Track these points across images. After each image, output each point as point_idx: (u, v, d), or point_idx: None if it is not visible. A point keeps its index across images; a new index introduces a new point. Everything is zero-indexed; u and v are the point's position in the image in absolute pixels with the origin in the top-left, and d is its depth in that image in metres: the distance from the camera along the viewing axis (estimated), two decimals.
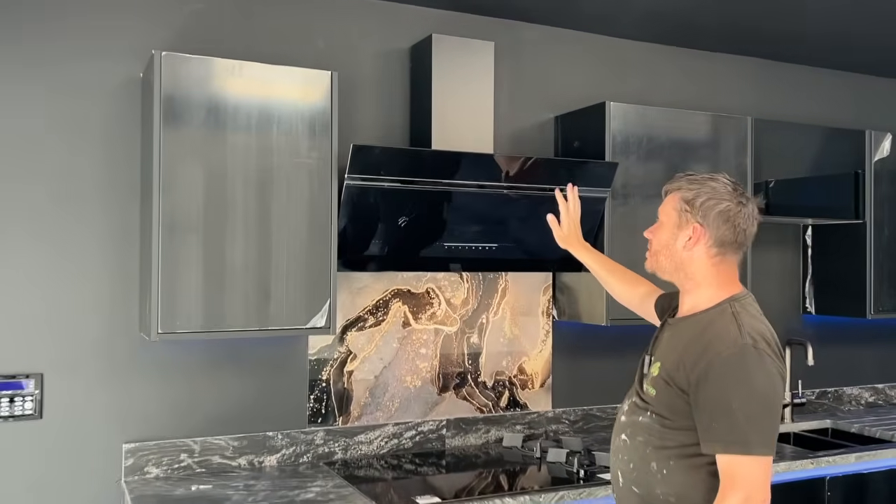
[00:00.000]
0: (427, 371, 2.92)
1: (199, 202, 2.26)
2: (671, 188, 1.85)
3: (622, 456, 1.86)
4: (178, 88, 2.23)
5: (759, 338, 1.67)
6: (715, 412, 1.64)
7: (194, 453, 2.56)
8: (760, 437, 1.61)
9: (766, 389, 1.63)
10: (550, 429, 3.11)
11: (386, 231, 2.53)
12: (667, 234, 1.83)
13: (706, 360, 1.66)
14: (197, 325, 2.26)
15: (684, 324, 1.81)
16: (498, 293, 3.04)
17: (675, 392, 1.73)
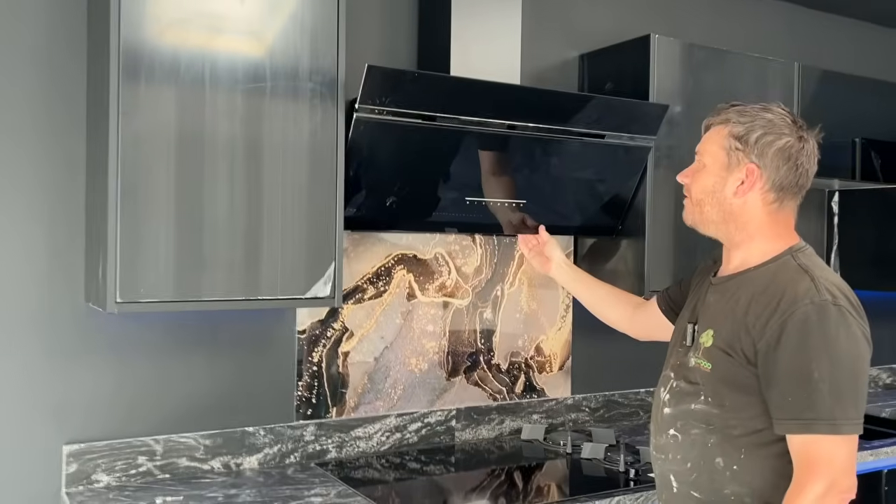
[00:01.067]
0: (434, 352, 2.46)
1: (169, 137, 1.73)
2: (715, 121, 1.54)
3: (674, 455, 1.54)
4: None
5: (839, 293, 1.39)
6: (791, 384, 1.36)
7: (156, 455, 2.04)
8: (848, 411, 1.33)
9: (852, 355, 1.35)
10: (570, 417, 2.70)
11: (403, 180, 2.05)
12: (713, 179, 1.52)
13: (778, 322, 1.38)
14: (167, 294, 1.74)
15: (736, 282, 1.51)
16: (514, 261, 2.59)
17: (738, 363, 1.43)
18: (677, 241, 2.46)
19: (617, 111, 2.25)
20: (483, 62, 2.22)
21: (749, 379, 1.42)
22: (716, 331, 1.49)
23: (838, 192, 3.38)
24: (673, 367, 1.59)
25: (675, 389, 1.56)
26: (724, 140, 1.51)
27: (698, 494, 1.49)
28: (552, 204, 2.31)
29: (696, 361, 1.51)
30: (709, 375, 1.48)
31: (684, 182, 1.60)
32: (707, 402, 1.48)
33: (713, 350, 1.48)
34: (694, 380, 1.51)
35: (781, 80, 2.69)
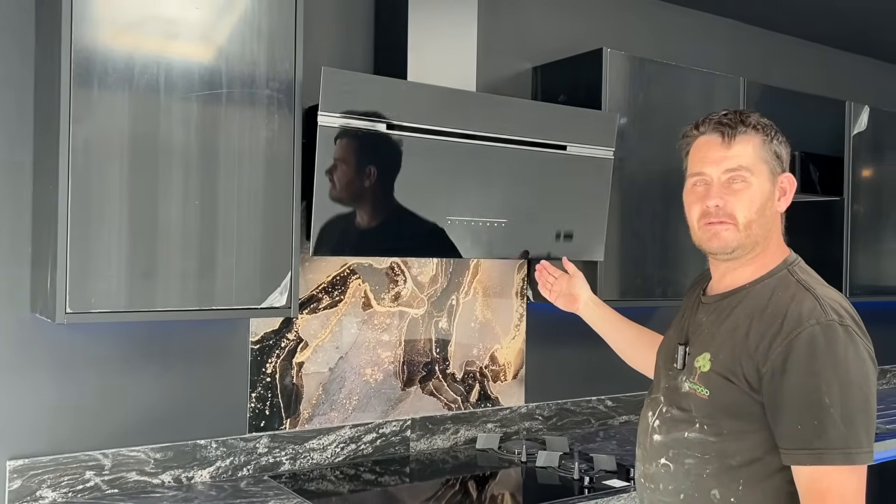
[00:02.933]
0: (390, 362, 2.45)
1: (122, 144, 1.69)
2: (745, 130, 1.37)
3: (665, 485, 1.42)
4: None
5: (845, 312, 1.29)
6: (801, 411, 1.24)
7: (104, 470, 1.99)
8: (860, 439, 1.23)
9: (860, 378, 1.25)
10: (524, 426, 2.71)
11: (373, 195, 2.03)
12: (763, 195, 1.36)
13: (783, 345, 1.27)
14: (118, 304, 1.70)
15: (731, 300, 1.40)
16: (469, 271, 2.60)
17: (740, 390, 1.32)
18: (624, 253, 2.52)
19: (573, 120, 2.28)
20: (439, 71, 2.23)
21: (752, 406, 1.32)
22: (713, 354, 1.38)
23: None
24: (663, 391, 1.47)
25: (665, 416, 1.44)
26: (761, 150, 1.38)
27: None
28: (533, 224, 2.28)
29: (692, 387, 1.39)
30: (706, 402, 1.36)
31: (721, 203, 1.38)
32: (703, 430, 1.37)
33: (711, 375, 1.36)
34: (687, 407, 1.40)
35: (727, 94, 2.77)
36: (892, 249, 3.40)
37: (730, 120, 1.38)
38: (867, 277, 3.29)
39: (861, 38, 3.57)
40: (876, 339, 4.15)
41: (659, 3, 3.08)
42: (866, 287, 3.28)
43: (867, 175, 3.29)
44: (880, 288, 3.37)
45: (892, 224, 3.40)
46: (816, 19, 3.30)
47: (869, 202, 3.30)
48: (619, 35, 2.94)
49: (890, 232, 3.39)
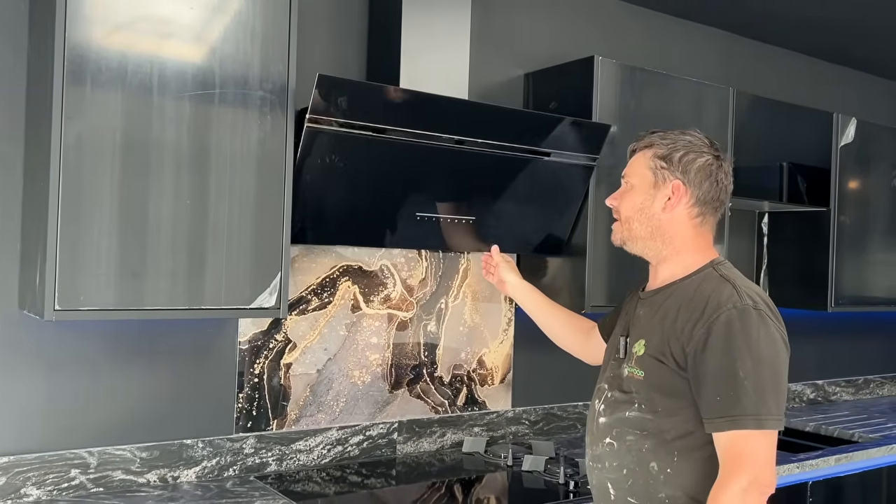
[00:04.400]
0: (378, 364, 2.45)
1: (114, 142, 1.70)
2: (639, 146, 1.64)
3: (610, 463, 1.58)
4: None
5: (759, 299, 1.49)
6: (719, 384, 1.43)
7: (89, 468, 1.98)
8: (770, 408, 1.41)
9: (771, 354, 1.44)
10: (510, 430, 2.73)
11: (354, 194, 2.05)
12: (641, 197, 1.61)
13: (704, 327, 1.46)
14: (107, 302, 1.70)
15: (664, 294, 1.59)
16: (459, 274, 2.62)
17: (669, 369, 1.50)
18: (615, 258, 2.52)
19: (562, 130, 2.30)
20: (432, 78, 2.24)
21: (680, 383, 1.49)
22: (647, 340, 1.56)
23: (767, 214, 3.52)
24: (607, 380, 1.64)
25: (609, 399, 1.61)
26: (649, 161, 1.60)
27: (634, 500, 1.54)
28: (500, 221, 2.35)
29: (630, 370, 1.57)
30: (642, 383, 1.54)
31: (613, 205, 1.68)
32: (641, 408, 1.53)
33: (645, 358, 1.54)
34: (628, 388, 1.56)
35: (717, 104, 2.79)
36: (877, 260, 3.44)
37: (639, 138, 1.65)
38: (852, 288, 3.33)
39: (849, 51, 3.61)
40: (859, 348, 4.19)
41: (652, 12, 3.11)
42: (851, 297, 3.32)
43: (853, 186, 3.33)
44: (865, 298, 3.41)
45: (878, 235, 3.43)
46: (806, 31, 3.33)
47: (855, 213, 3.33)
48: (612, 43, 2.97)
49: (875, 243, 3.43)
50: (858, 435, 3.09)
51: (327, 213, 2.05)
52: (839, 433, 3.17)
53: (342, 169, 2.00)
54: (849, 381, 3.92)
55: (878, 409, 3.67)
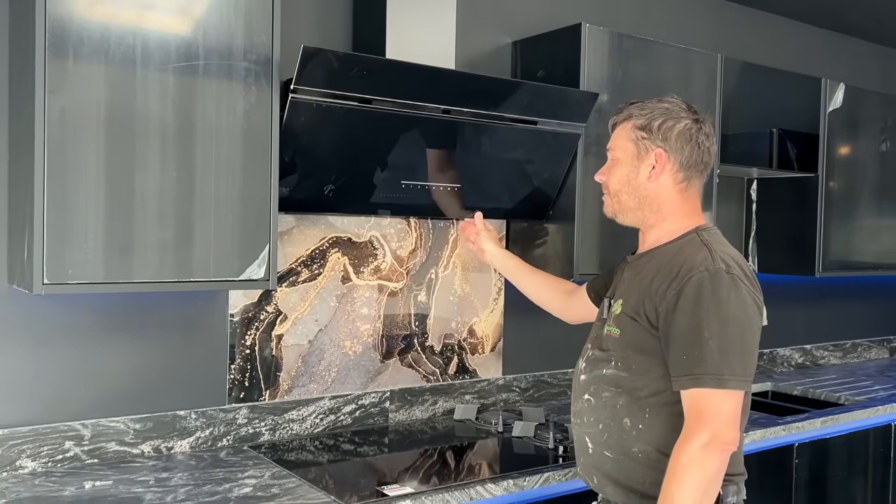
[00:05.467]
0: (369, 335, 2.47)
1: (98, 115, 1.69)
2: (619, 119, 1.69)
3: (588, 418, 1.66)
4: None
5: (733, 263, 1.53)
6: (686, 343, 1.48)
7: (83, 440, 2.00)
8: (734, 368, 1.46)
9: (740, 317, 1.48)
10: (501, 398, 2.76)
11: (338, 163, 2.06)
12: (626, 169, 1.66)
13: (676, 287, 1.51)
14: (96, 275, 1.70)
15: (646, 258, 1.66)
16: (449, 244, 2.63)
17: (642, 328, 1.57)
18: (605, 226, 2.54)
19: (549, 98, 2.30)
20: (418, 47, 2.23)
21: (652, 342, 1.55)
22: (625, 300, 1.63)
23: (756, 181, 3.53)
24: (591, 339, 1.73)
25: (590, 357, 1.69)
26: (630, 133, 1.64)
27: (610, 454, 1.62)
28: (486, 188, 2.36)
29: (608, 329, 1.64)
30: (618, 340, 1.61)
31: (601, 180, 1.72)
32: (617, 366, 1.60)
33: (622, 316, 1.61)
34: (606, 347, 1.63)
35: (705, 70, 2.79)
36: (864, 226, 3.46)
37: (618, 111, 1.69)
38: (840, 253, 3.35)
39: (838, 15, 3.59)
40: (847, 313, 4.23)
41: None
42: (838, 262, 3.34)
43: (842, 152, 3.34)
44: (852, 263, 3.43)
45: (865, 200, 3.45)
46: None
47: (843, 179, 3.35)
48: (600, 10, 2.95)
49: (863, 208, 3.45)
50: (845, 398, 3.13)
51: (314, 184, 2.05)
52: (826, 396, 3.22)
53: (328, 139, 2.00)
54: (836, 346, 3.97)
55: (865, 372, 3.72)
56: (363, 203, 2.20)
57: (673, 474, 1.45)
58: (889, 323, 4.25)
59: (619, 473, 1.61)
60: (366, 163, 2.11)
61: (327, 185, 2.06)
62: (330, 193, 2.07)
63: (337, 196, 2.11)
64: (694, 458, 1.42)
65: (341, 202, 2.16)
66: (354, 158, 2.08)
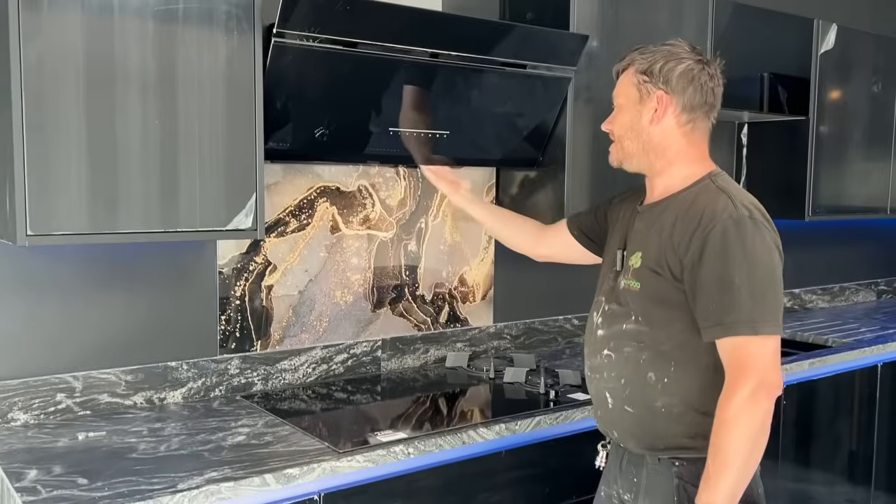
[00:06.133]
0: (360, 284, 2.47)
1: (77, 63, 1.65)
2: (622, 67, 1.66)
3: (608, 373, 1.64)
4: None
5: (754, 208, 1.51)
6: (715, 292, 1.45)
7: (75, 392, 2.00)
8: (768, 314, 1.44)
9: (767, 262, 1.46)
10: (492, 345, 2.77)
11: (324, 110, 2.02)
12: (629, 114, 1.63)
13: (701, 237, 1.48)
14: (80, 226, 1.68)
15: (661, 207, 1.62)
16: (438, 193, 2.60)
17: (666, 281, 1.53)
18: (596, 173, 2.52)
19: (538, 41, 2.26)
20: None
21: (676, 294, 1.52)
22: (644, 253, 1.59)
23: (747, 125, 3.51)
24: (604, 293, 1.69)
25: (606, 312, 1.65)
26: (632, 78, 1.62)
27: (632, 409, 1.60)
28: (474, 135, 2.33)
29: (626, 283, 1.60)
30: (638, 294, 1.57)
31: (608, 129, 1.70)
32: (637, 321, 1.58)
33: (642, 270, 1.57)
34: (624, 301, 1.60)
35: (696, 13, 2.74)
36: (855, 169, 3.46)
37: (621, 58, 1.67)
38: (829, 197, 3.35)
39: None
40: (835, 257, 4.24)
41: None
42: (828, 206, 3.34)
43: (833, 95, 3.31)
44: (842, 207, 3.44)
45: (855, 144, 3.44)
46: None
47: (834, 122, 3.33)
48: None
49: (853, 152, 3.44)
50: (832, 340, 3.17)
51: (300, 131, 2.01)
52: (814, 339, 3.25)
53: (312, 85, 1.96)
54: (825, 289, 4.00)
55: (852, 314, 3.76)
56: (351, 152, 2.17)
57: (723, 425, 1.43)
58: (876, 266, 4.28)
59: (641, 428, 1.60)
60: (352, 110, 2.08)
61: (319, 129, 2.02)
62: (323, 137, 2.03)
63: (324, 145, 2.08)
64: (744, 407, 1.41)
65: (328, 151, 2.13)
66: (341, 105, 2.05)
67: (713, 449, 1.45)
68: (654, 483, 1.59)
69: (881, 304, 4.11)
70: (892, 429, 3.13)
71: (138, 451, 1.75)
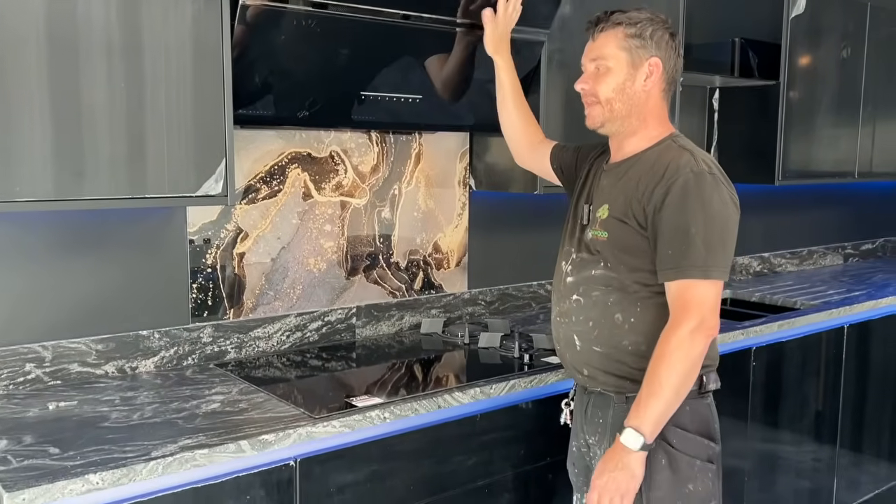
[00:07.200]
0: (333, 252, 2.45)
1: (37, 25, 1.59)
2: (606, 26, 1.70)
3: (576, 317, 1.75)
4: None
5: (714, 165, 1.64)
6: (672, 238, 1.58)
7: (44, 362, 1.98)
8: (717, 260, 1.57)
9: (723, 215, 1.58)
10: (467, 311, 2.78)
11: (293, 74, 1.98)
12: (621, 77, 1.69)
13: (664, 187, 1.60)
14: (45, 193, 1.64)
15: (626, 165, 1.73)
16: (411, 159, 2.58)
17: (631, 229, 1.65)
18: (569, 137, 2.51)
19: None
20: None
21: (640, 241, 1.64)
22: (611, 205, 1.70)
23: (718, 90, 3.52)
24: (573, 243, 1.79)
25: (576, 260, 1.76)
26: (622, 41, 1.68)
27: (599, 348, 1.72)
28: (448, 100, 2.30)
29: (594, 233, 1.71)
30: (606, 243, 1.69)
31: (585, 88, 1.74)
32: (606, 266, 1.69)
33: (609, 220, 1.69)
34: (594, 249, 1.72)
35: None
36: (824, 134, 3.49)
37: (595, 20, 1.72)
38: (799, 161, 3.38)
39: None
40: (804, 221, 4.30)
41: None
42: (797, 171, 3.38)
43: (803, 60, 3.33)
44: (811, 172, 3.48)
45: (825, 109, 3.47)
46: None
47: (804, 87, 3.35)
48: None
49: (823, 117, 3.47)
50: (800, 302, 3.22)
51: (269, 95, 1.98)
52: (783, 302, 3.30)
53: (281, 47, 1.92)
54: (793, 253, 4.05)
55: (820, 278, 3.82)
56: (322, 116, 2.14)
57: (661, 358, 1.56)
58: (843, 230, 4.35)
59: (609, 365, 1.71)
60: (323, 74, 2.04)
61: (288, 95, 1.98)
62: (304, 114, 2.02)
63: (294, 108, 2.05)
64: (682, 342, 1.54)
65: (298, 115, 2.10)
66: (311, 69, 2.01)
67: (648, 378, 1.58)
68: (619, 421, 1.66)
69: (848, 268, 4.19)
70: (857, 389, 3.20)
71: (110, 420, 1.73)
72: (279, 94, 1.99)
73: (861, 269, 4.13)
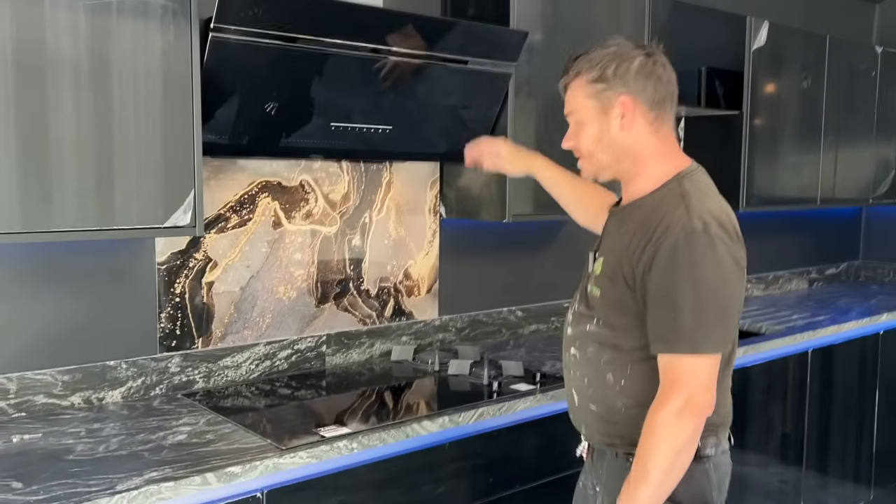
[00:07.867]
0: (303, 280, 2.46)
1: (5, 55, 1.60)
2: (569, 79, 1.58)
3: (574, 372, 1.66)
4: None
5: (712, 220, 1.44)
6: (660, 307, 1.45)
7: (9, 394, 1.95)
8: (709, 333, 1.43)
9: (715, 280, 1.42)
10: (437, 338, 2.79)
11: (263, 104, 2.00)
12: (595, 127, 1.56)
13: (652, 249, 1.45)
14: (11, 225, 1.64)
15: (628, 210, 1.59)
16: (382, 188, 2.61)
17: (621, 289, 1.52)
18: None
19: (479, 37, 2.28)
20: None
21: (631, 303, 1.51)
22: (605, 260, 1.58)
23: (684, 119, 3.59)
24: (579, 291, 1.69)
25: (576, 312, 1.67)
26: (585, 88, 1.55)
27: (595, 407, 1.61)
28: (418, 130, 2.34)
29: (591, 288, 1.60)
30: (599, 300, 1.57)
31: (570, 146, 1.63)
32: (599, 324, 1.58)
33: (601, 277, 1.57)
34: (591, 304, 1.60)
35: (634, 8, 2.80)
36: (787, 162, 3.57)
37: (564, 70, 1.60)
38: (763, 188, 3.46)
39: None
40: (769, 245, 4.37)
41: None
42: (762, 197, 3.45)
43: (766, 89, 3.41)
44: (775, 198, 3.55)
45: (787, 137, 3.55)
46: None
47: (767, 116, 3.43)
48: None
49: (785, 144, 3.55)
50: (766, 327, 3.27)
51: (239, 126, 2.00)
52: (749, 326, 3.35)
53: (252, 80, 1.94)
54: (759, 278, 4.12)
55: (785, 302, 3.89)
56: (292, 147, 2.16)
57: (647, 437, 1.45)
58: (808, 255, 4.43)
59: (604, 425, 1.61)
60: (293, 105, 2.06)
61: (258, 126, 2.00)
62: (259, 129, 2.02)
63: (264, 139, 2.07)
64: (668, 422, 1.42)
65: (269, 146, 2.12)
66: (282, 100, 2.03)
67: (637, 456, 1.47)
68: (611, 477, 1.61)
69: (812, 292, 4.27)
70: (822, 411, 3.26)
71: (76, 453, 1.71)
72: (248, 125, 2.01)
73: (825, 293, 4.21)
